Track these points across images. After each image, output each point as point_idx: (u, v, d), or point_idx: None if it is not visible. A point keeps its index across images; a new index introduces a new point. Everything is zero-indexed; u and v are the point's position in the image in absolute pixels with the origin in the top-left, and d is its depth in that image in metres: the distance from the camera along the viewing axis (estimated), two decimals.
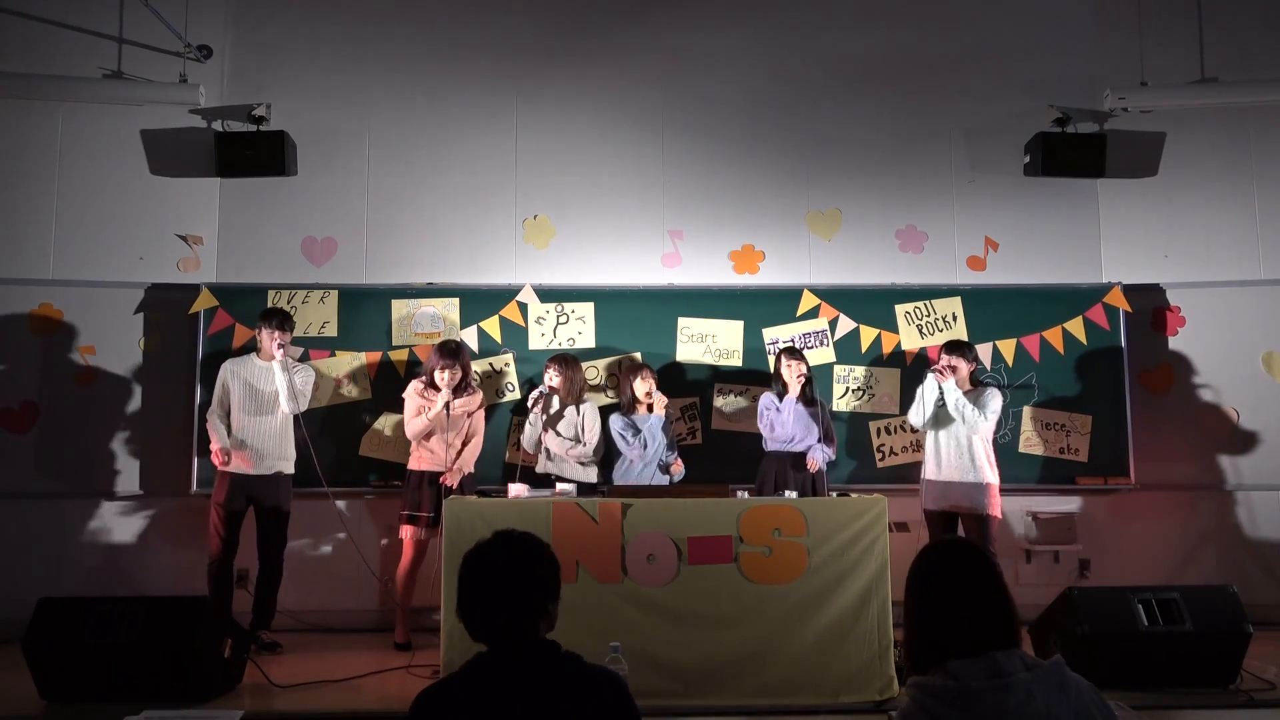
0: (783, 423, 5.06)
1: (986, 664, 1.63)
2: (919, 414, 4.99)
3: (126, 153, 5.77)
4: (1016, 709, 1.58)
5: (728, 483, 4.47)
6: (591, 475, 5.11)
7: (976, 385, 5.02)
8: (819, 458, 5.04)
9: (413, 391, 4.99)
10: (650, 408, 5.16)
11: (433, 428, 4.93)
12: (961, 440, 4.88)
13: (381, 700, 3.98)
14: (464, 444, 5.01)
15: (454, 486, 4.85)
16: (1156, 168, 5.95)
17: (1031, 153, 5.83)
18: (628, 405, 5.21)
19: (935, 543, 1.87)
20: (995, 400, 4.90)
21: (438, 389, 4.91)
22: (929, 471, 5.00)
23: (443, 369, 4.89)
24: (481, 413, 5.15)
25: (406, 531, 4.92)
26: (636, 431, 5.08)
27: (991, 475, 4.87)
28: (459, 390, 4.93)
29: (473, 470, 5.05)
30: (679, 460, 5.16)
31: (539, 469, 5.13)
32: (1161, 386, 5.80)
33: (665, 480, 5.09)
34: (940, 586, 1.74)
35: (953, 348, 5.00)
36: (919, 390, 5.01)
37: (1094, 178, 5.84)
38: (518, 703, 1.73)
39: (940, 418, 4.94)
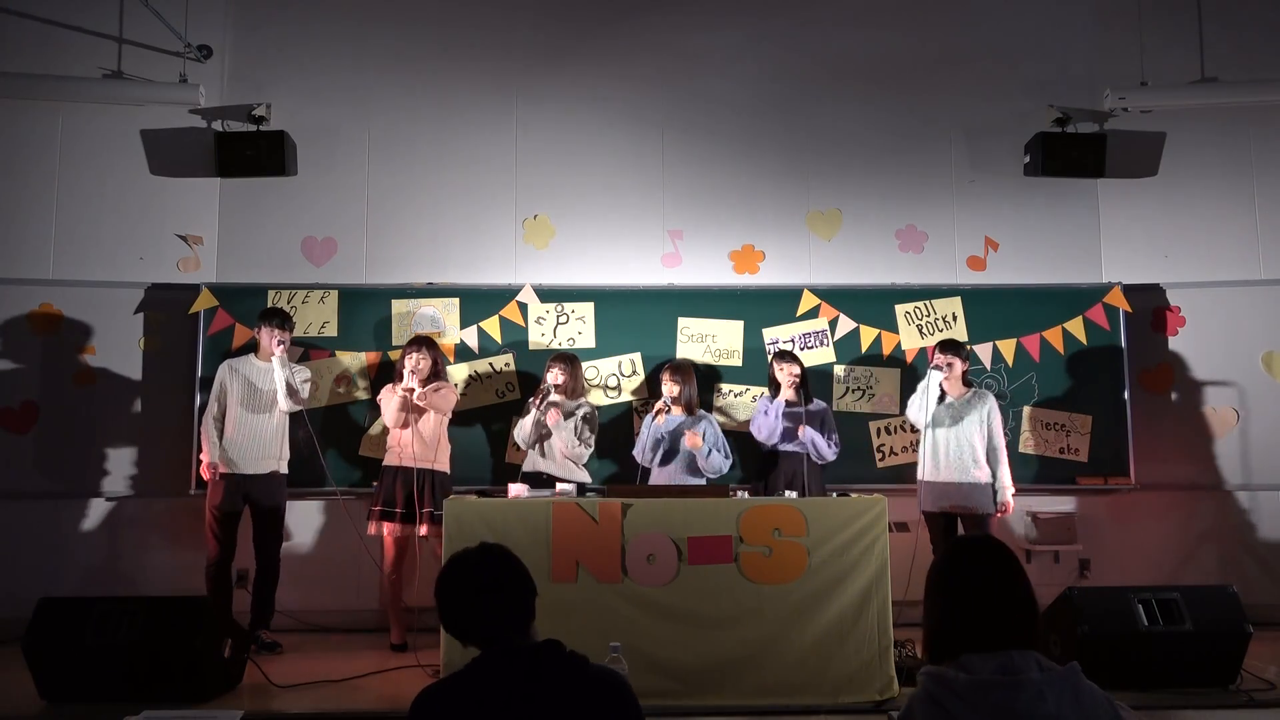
0: (767, 424, 5.06)
1: (1000, 660, 1.64)
2: (921, 410, 4.95)
3: (126, 153, 5.77)
4: (1026, 708, 1.57)
5: (728, 482, 4.46)
6: (584, 475, 5.09)
7: (969, 386, 5.04)
8: (807, 435, 5.01)
9: (385, 391, 5.04)
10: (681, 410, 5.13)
11: (404, 413, 4.89)
12: (961, 439, 4.88)
13: (381, 700, 3.98)
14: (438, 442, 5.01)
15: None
16: (1156, 168, 5.95)
17: (1031, 153, 5.83)
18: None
19: (965, 537, 1.88)
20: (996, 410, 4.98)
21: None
22: (926, 472, 4.99)
23: (405, 355, 4.98)
24: (452, 397, 5.09)
25: (385, 529, 4.89)
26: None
27: (989, 474, 4.89)
28: (429, 380, 4.96)
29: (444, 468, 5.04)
30: (691, 434, 4.96)
31: (527, 466, 5.11)
32: (1161, 386, 5.80)
33: (686, 481, 4.98)
34: (965, 579, 1.74)
35: (948, 347, 5.02)
36: (920, 386, 4.99)
37: (1094, 178, 5.84)
38: (521, 703, 1.72)
39: (937, 416, 4.94)
